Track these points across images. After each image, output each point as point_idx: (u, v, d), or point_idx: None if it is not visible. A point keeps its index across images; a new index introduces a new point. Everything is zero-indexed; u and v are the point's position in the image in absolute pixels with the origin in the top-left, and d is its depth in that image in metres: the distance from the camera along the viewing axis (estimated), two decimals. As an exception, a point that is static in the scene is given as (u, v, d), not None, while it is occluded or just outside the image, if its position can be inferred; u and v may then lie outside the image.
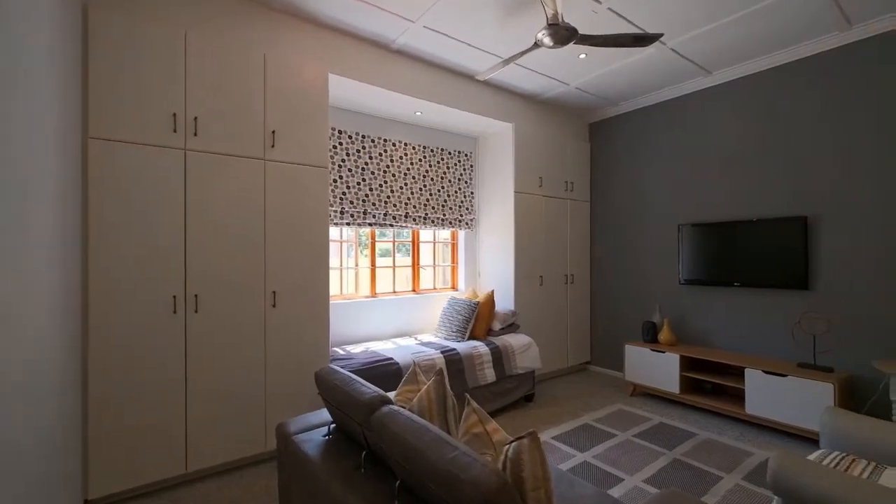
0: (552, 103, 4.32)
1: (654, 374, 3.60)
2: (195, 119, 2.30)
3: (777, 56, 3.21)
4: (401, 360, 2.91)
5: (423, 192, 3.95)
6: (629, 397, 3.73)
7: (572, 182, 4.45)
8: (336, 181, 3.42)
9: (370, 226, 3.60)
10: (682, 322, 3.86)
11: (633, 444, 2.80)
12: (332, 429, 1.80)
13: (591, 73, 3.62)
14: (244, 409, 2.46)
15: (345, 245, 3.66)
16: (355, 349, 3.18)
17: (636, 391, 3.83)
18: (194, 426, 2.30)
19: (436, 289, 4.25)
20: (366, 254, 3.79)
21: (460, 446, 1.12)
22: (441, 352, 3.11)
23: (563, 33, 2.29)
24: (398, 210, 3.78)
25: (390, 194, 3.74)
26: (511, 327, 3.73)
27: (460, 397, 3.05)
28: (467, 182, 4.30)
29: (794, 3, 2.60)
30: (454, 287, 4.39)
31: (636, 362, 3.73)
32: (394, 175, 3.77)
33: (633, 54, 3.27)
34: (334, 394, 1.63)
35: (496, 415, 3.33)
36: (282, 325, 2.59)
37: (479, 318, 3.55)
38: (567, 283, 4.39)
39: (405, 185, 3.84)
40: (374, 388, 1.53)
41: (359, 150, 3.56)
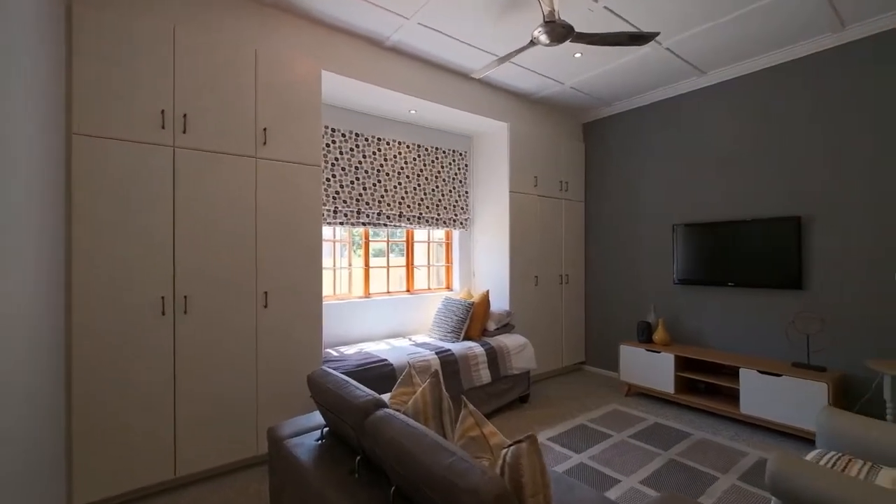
0: (547, 103, 4.31)
1: (649, 374, 3.59)
2: (184, 116, 2.25)
3: (772, 56, 3.22)
4: (395, 361, 2.87)
5: (417, 191, 3.92)
6: (624, 397, 3.72)
7: (567, 182, 4.44)
8: (329, 180, 3.37)
9: (364, 225, 3.56)
10: (676, 322, 3.86)
11: (628, 444, 2.79)
12: (325, 433, 1.75)
13: (587, 73, 3.61)
14: (235, 413, 2.40)
15: (338, 245, 3.61)
16: (349, 350, 3.14)
17: (631, 391, 3.82)
18: (183, 430, 2.25)
19: (430, 289, 4.21)
20: (359, 254, 3.75)
21: (458, 451, 1.09)
22: (436, 353, 3.08)
23: (559, 31, 2.27)
24: (392, 209, 3.74)
25: (384, 193, 3.69)
26: (506, 328, 3.71)
27: (455, 398, 3.02)
28: (462, 181, 4.27)
29: (789, 4, 2.61)
30: (449, 287, 4.36)
31: (631, 362, 3.73)
32: (388, 174, 3.73)
33: (628, 54, 3.27)
34: (327, 397, 1.59)
35: (491, 416, 3.30)
36: (274, 326, 2.54)
37: (474, 319, 3.53)
38: (562, 284, 4.38)
39: (399, 184, 3.80)
40: (368, 391, 1.49)
41: (352, 149, 3.51)
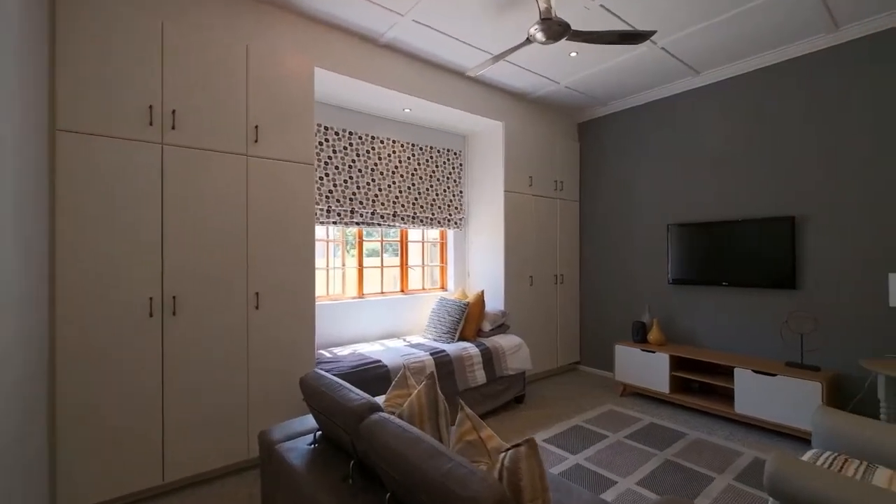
0: (542, 102, 4.29)
1: (644, 374, 3.59)
2: (173, 112, 2.19)
3: (766, 56, 3.23)
4: (389, 362, 2.83)
5: (411, 190, 3.88)
6: (619, 397, 3.71)
7: (562, 181, 4.43)
8: (322, 179, 3.32)
9: (357, 225, 3.51)
10: (671, 322, 3.86)
11: (624, 445, 2.78)
12: (318, 436, 1.71)
13: (582, 72, 3.60)
14: (225, 416, 2.35)
15: (331, 245, 3.56)
16: (342, 351, 3.10)
17: (626, 391, 3.82)
18: (172, 434, 2.19)
19: (424, 289, 4.18)
20: (353, 254, 3.70)
21: (455, 457, 1.06)
22: (430, 353, 3.04)
23: (555, 29, 2.25)
24: (386, 209, 3.70)
25: (378, 193, 3.65)
26: (501, 328, 3.69)
27: (451, 400, 2.98)
28: (456, 181, 4.24)
29: (783, 4, 2.61)
30: (443, 287, 4.33)
31: (626, 362, 3.72)
32: (382, 173, 3.69)
33: (623, 53, 3.26)
34: (321, 400, 1.55)
35: (487, 417, 3.27)
36: (265, 327, 2.49)
37: (469, 319, 3.50)
38: (557, 283, 4.36)
39: (393, 183, 3.76)
40: (362, 395, 1.46)
41: (346, 147, 3.46)
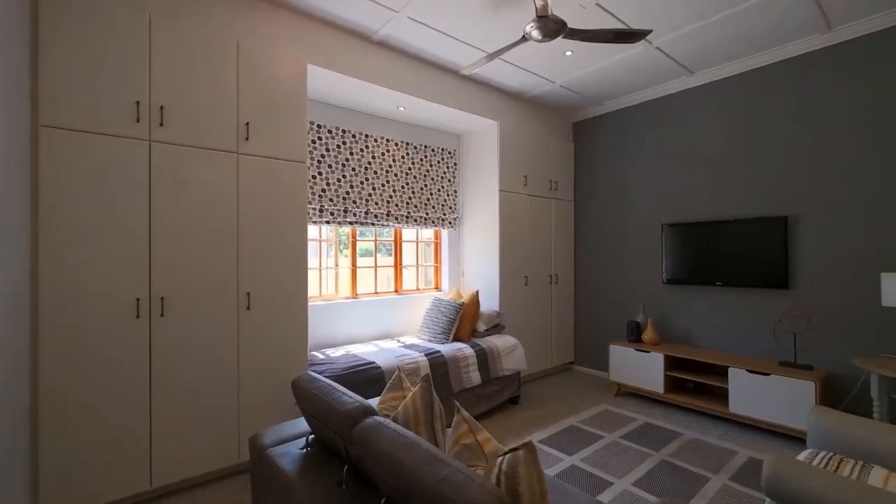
0: (537, 101, 4.28)
1: (638, 373, 3.59)
2: (161, 108, 2.14)
3: (760, 57, 3.24)
4: (383, 363, 2.79)
5: (405, 189, 3.84)
6: (614, 397, 3.71)
7: (556, 181, 4.42)
8: (315, 177, 3.27)
9: (351, 224, 3.47)
10: (665, 321, 3.87)
11: (620, 445, 2.77)
12: (311, 440, 1.68)
13: (577, 72, 3.59)
14: (215, 420, 2.30)
15: (324, 244, 3.51)
16: (335, 353, 3.05)
17: (621, 391, 3.81)
18: (160, 439, 2.14)
19: (419, 289, 4.14)
20: (346, 254, 3.66)
21: (452, 462, 1.03)
22: (425, 354, 3.01)
23: (552, 26, 2.23)
24: (380, 208, 3.66)
25: (372, 192, 3.61)
26: (496, 328, 3.67)
27: (445, 401, 2.95)
28: (451, 180, 4.21)
29: (777, 5, 2.62)
30: (437, 287, 4.29)
31: (621, 362, 3.72)
32: (375, 172, 3.65)
33: (618, 53, 3.25)
34: (313, 404, 1.51)
35: (482, 418, 3.25)
36: (256, 328, 2.44)
37: (464, 320, 3.47)
38: (551, 283, 4.35)
39: (387, 182, 3.72)
40: (356, 398, 1.42)
41: (339, 146, 3.42)
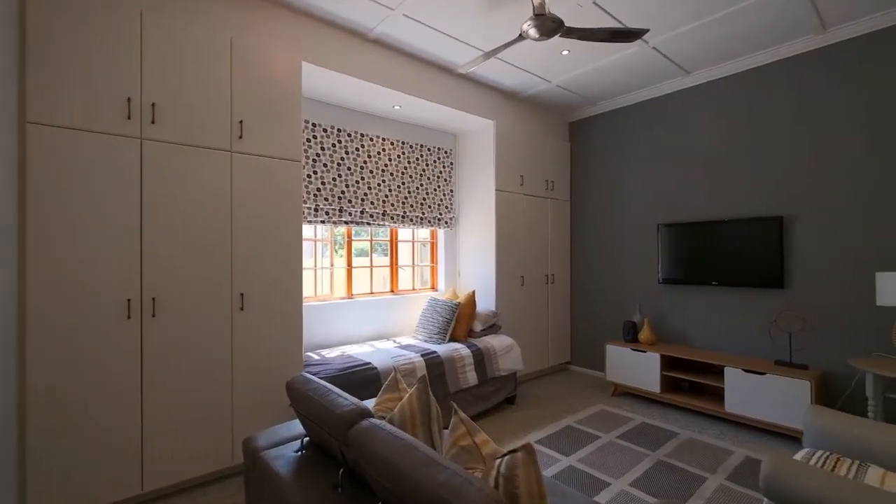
0: (533, 101, 4.27)
1: (635, 373, 3.59)
2: (153, 106, 2.10)
3: (757, 57, 3.24)
4: (379, 364, 2.77)
5: (401, 189, 3.82)
6: (610, 397, 3.71)
7: (553, 181, 4.41)
8: (310, 176, 3.24)
9: (346, 224, 3.44)
10: (661, 321, 3.87)
11: (616, 445, 2.76)
12: (306, 443, 1.65)
13: (573, 71, 3.58)
14: (208, 422, 2.26)
15: (319, 244, 3.48)
16: (330, 353, 3.02)
17: (617, 391, 3.81)
18: (151, 442, 2.10)
19: (415, 289, 4.12)
20: (341, 253, 3.63)
21: (450, 466, 1.01)
22: (421, 355, 2.99)
23: (549, 25, 2.21)
24: (375, 208, 3.63)
25: (367, 191, 3.58)
26: (492, 328, 3.65)
27: (442, 402, 2.94)
28: (447, 180, 4.19)
29: (772, 5, 2.62)
30: (434, 287, 4.27)
31: (617, 362, 3.72)
32: (371, 171, 3.62)
33: (614, 52, 3.25)
34: (308, 406, 1.49)
35: (478, 418, 3.23)
36: (250, 329, 2.41)
37: (460, 320, 3.45)
38: (548, 283, 4.35)
39: (383, 181, 3.69)
40: (352, 400, 1.40)
41: (334, 145, 3.39)
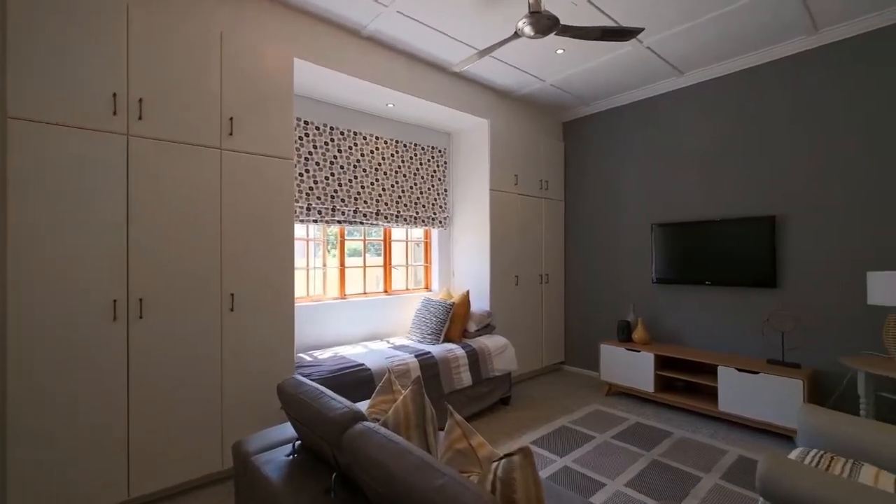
0: (527, 100, 4.26)
1: (629, 373, 3.59)
2: (140, 101, 2.05)
3: (750, 57, 3.26)
4: (372, 365, 2.73)
5: (395, 188, 3.79)
6: (604, 397, 3.71)
7: (547, 181, 4.40)
8: (302, 175, 3.19)
9: (339, 223, 3.40)
10: (655, 321, 3.88)
11: (611, 446, 2.75)
12: (297, 447, 1.61)
13: (568, 70, 3.57)
14: (197, 426, 2.21)
15: (311, 244, 3.44)
16: (323, 355, 2.98)
17: (611, 391, 3.81)
18: (138, 447, 2.04)
19: (408, 289, 4.09)
20: (334, 253, 3.59)
21: (446, 470, 0.98)
22: (415, 356, 2.96)
23: (544, 22, 2.20)
24: (369, 207, 3.59)
25: (360, 190, 3.54)
26: (487, 328, 3.63)
27: (436, 403, 2.91)
28: (441, 179, 4.16)
29: (765, 6, 2.63)
30: (427, 287, 4.24)
31: (611, 362, 3.72)
32: (364, 170, 3.58)
33: (608, 52, 3.24)
34: (300, 409, 1.45)
35: (473, 419, 3.21)
36: (240, 330, 2.36)
37: (454, 320, 3.43)
38: (542, 283, 4.34)
39: (376, 180, 3.66)
40: (345, 403, 1.36)
41: (327, 143, 3.35)
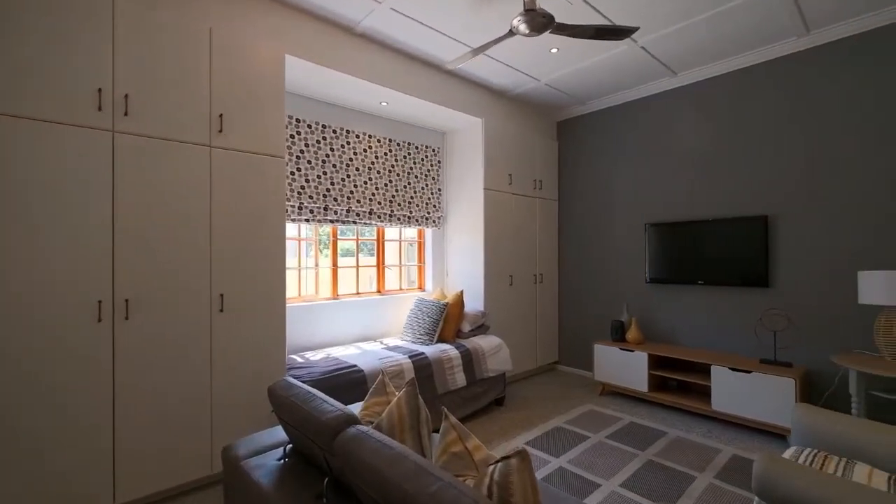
0: (521, 99, 4.25)
1: (623, 373, 3.59)
2: (126, 97, 1.99)
3: (743, 58, 3.27)
4: (366, 366, 2.70)
5: (388, 187, 3.75)
6: (598, 397, 3.70)
7: (541, 180, 4.40)
8: (294, 173, 3.15)
9: (332, 223, 3.36)
10: (649, 321, 3.89)
11: (606, 446, 2.74)
12: (289, 451, 1.58)
13: (562, 70, 3.56)
14: (186, 430, 2.16)
15: (303, 243, 3.39)
16: (315, 356, 2.94)
17: (605, 390, 3.81)
18: (124, 451, 1.99)
19: (402, 289, 4.05)
20: (326, 253, 3.54)
21: (442, 475, 0.95)
22: (409, 356, 2.93)
23: (539, 20, 2.18)
24: (362, 206, 3.55)
25: (353, 189, 3.50)
26: (481, 328, 3.61)
27: (430, 403, 2.88)
28: (435, 178, 4.13)
29: (757, 7, 2.64)
30: (421, 288, 4.21)
31: (605, 361, 3.72)
32: (357, 169, 3.54)
33: (603, 52, 3.24)
34: (291, 412, 1.41)
35: (467, 420, 3.19)
36: (230, 331, 2.31)
37: (448, 320, 3.40)
38: (536, 283, 4.33)
39: (369, 179, 3.62)
40: (337, 406, 1.33)
41: (319, 141, 3.30)
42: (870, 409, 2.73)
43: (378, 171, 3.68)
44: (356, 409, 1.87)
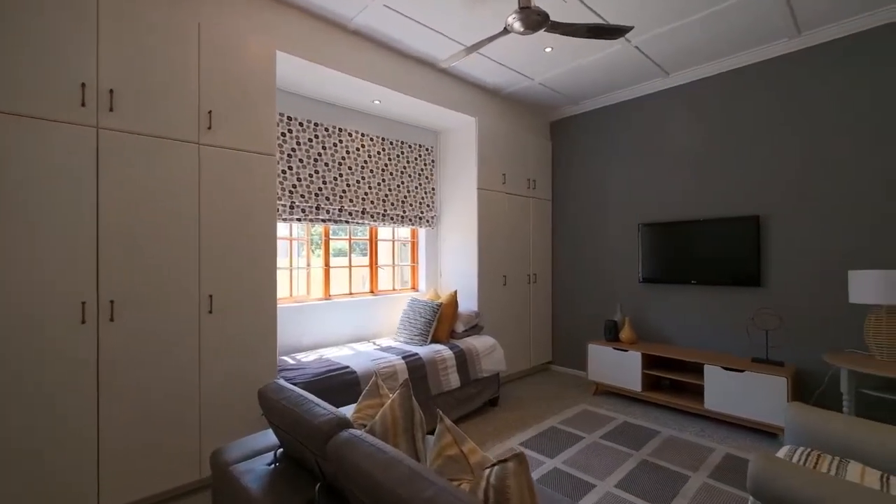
0: (515, 98, 4.24)
1: (616, 372, 3.59)
2: (111, 92, 1.94)
3: (736, 59, 3.28)
4: (358, 367, 2.66)
5: (381, 187, 3.71)
6: (592, 396, 3.70)
7: (534, 180, 4.39)
8: (285, 172, 3.10)
9: (324, 222, 3.31)
10: (642, 320, 3.89)
11: (600, 446, 2.74)
12: (279, 455, 1.54)
13: (556, 69, 3.56)
14: (173, 434, 2.11)
15: (295, 243, 3.34)
16: (307, 357, 2.89)
17: (599, 390, 3.81)
18: (110, 457, 1.94)
19: (395, 290, 4.02)
20: (318, 253, 3.50)
21: (437, 480, 0.93)
22: (402, 357, 2.90)
23: (534, 18, 2.16)
24: (354, 206, 3.51)
25: (346, 188, 3.46)
26: (475, 329, 3.59)
27: (424, 405, 2.85)
28: (428, 178, 4.11)
29: (750, 8, 2.65)
30: (414, 288, 4.18)
31: (599, 361, 3.72)
32: (350, 168, 3.50)
33: (597, 51, 3.24)
34: (282, 416, 1.38)
35: (461, 421, 3.16)
36: (220, 333, 2.26)
37: (442, 320, 3.37)
38: (530, 283, 4.32)
39: (362, 178, 3.58)
40: (329, 409, 1.30)
41: (311, 140, 3.26)
42: (860, 408, 2.76)
43: (371, 170, 3.64)
44: (349, 411, 1.84)
